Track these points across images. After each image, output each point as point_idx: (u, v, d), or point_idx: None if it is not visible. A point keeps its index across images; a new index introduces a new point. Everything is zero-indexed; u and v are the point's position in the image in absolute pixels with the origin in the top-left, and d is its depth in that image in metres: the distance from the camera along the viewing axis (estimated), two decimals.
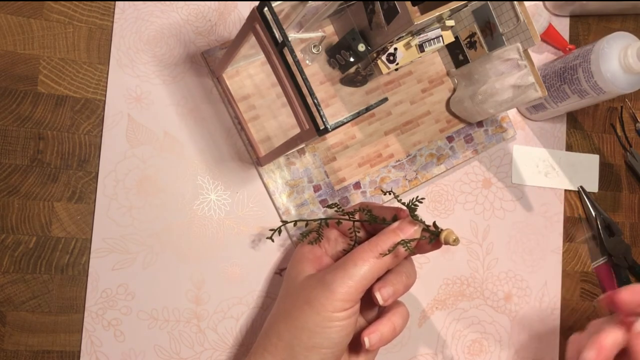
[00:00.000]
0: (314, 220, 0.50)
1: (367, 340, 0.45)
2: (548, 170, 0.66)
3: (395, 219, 0.46)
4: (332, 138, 0.56)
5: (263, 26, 0.40)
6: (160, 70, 0.53)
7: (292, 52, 0.39)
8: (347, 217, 0.48)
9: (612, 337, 0.43)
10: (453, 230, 0.43)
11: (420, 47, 0.53)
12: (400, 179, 0.58)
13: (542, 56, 0.69)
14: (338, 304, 0.43)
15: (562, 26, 0.70)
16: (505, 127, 0.63)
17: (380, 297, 0.45)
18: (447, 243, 0.43)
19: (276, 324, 0.46)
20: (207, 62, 0.54)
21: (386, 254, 0.43)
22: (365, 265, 0.43)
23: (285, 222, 0.50)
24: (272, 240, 0.49)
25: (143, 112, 0.52)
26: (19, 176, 0.48)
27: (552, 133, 0.67)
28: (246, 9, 0.56)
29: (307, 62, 0.56)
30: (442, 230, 0.44)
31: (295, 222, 0.52)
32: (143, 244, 0.51)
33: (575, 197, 0.68)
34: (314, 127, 0.40)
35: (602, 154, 0.70)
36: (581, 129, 0.69)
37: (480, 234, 0.62)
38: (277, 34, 0.39)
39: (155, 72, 0.53)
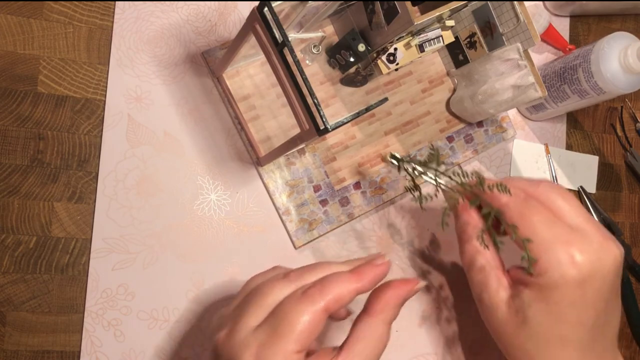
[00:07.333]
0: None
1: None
2: (547, 167, 0.66)
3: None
4: (332, 138, 0.56)
5: (263, 26, 0.40)
6: (160, 70, 0.53)
7: (292, 52, 0.39)
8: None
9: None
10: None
11: (420, 47, 0.53)
12: (400, 179, 0.58)
13: (542, 56, 0.69)
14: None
15: (562, 26, 0.70)
16: (505, 127, 0.63)
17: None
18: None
19: None
20: (207, 62, 0.54)
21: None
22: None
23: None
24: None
25: (143, 112, 0.52)
26: (19, 176, 0.48)
27: (552, 133, 0.67)
28: (246, 9, 0.56)
29: (307, 62, 0.56)
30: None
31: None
32: (143, 244, 0.51)
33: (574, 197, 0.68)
34: (314, 127, 0.40)
35: (602, 154, 0.70)
36: (581, 129, 0.69)
37: None
38: (277, 34, 0.39)
39: (155, 72, 0.53)
